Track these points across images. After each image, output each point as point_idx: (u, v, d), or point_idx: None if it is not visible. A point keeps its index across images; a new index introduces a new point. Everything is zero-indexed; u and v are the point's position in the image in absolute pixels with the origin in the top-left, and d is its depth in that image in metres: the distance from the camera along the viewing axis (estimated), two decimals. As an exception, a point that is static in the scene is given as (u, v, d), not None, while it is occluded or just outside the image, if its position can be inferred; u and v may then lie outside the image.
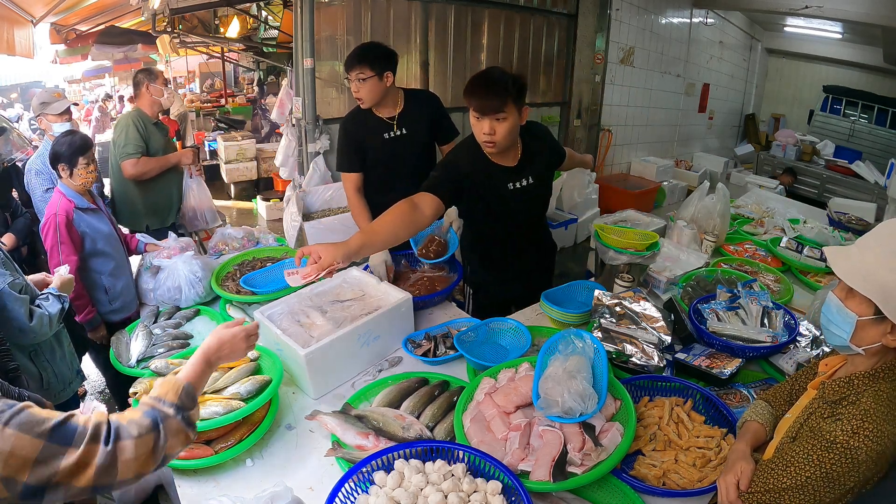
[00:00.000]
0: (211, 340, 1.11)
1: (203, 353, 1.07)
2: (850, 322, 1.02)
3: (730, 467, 1.14)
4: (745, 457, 1.15)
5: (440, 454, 1.21)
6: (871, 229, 1.11)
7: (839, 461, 0.96)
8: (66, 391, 1.93)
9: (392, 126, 2.33)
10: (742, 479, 1.09)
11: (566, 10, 5.20)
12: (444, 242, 2.03)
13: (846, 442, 0.96)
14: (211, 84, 11.97)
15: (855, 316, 1.01)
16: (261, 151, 6.45)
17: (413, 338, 1.82)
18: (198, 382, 1.02)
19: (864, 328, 1.01)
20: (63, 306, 1.81)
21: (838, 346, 1.08)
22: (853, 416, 0.98)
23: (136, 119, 2.84)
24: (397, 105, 2.34)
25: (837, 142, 7.97)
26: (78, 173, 2.05)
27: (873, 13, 5.15)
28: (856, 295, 1.01)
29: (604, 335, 1.63)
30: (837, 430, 0.98)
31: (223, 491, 1.26)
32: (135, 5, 5.32)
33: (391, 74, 2.25)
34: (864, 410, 0.98)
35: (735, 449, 1.19)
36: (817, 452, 0.99)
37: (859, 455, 0.94)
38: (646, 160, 6.38)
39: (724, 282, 2.02)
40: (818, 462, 0.98)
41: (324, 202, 3.75)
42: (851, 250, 1.05)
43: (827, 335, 1.11)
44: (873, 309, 0.99)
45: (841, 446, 0.96)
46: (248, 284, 2.03)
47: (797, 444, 1.05)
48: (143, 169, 2.81)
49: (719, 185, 2.72)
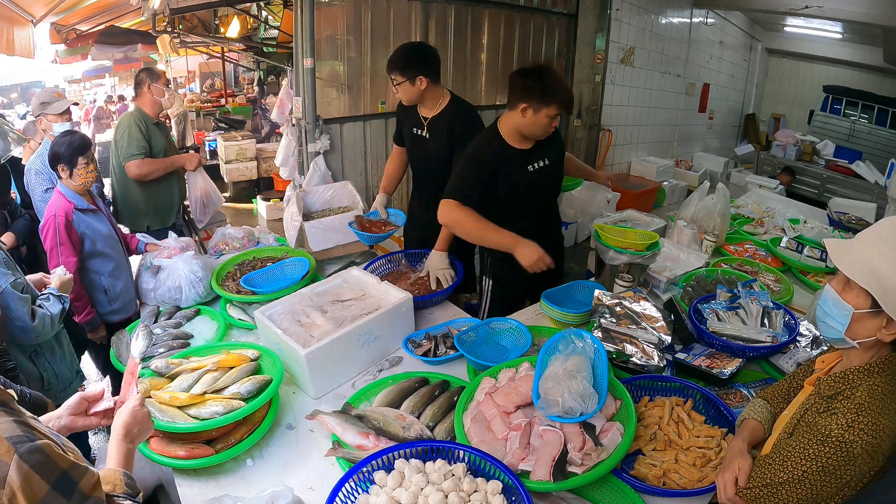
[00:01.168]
0: (118, 427, 1.08)
1: (118, 440, 1.06)
2: (846, 315, 1.03)
3: (727, 464, 1.15)
4: (743, 453, 1.15)
5: (440, 454, 1.21)
6: (874, 224, 1.12)
7: (835, 454, 0.97)
8: (67, 391, 1.93)
9: (422, 126, 2.36)
10: (740, 476, 1.10)
11: (566, 10, 5.19)
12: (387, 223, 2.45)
13: (841, 435, 0.96)
14: (211, 84, 11.97)
15: (851, 308, 1.02)
16: (261, 151, 6.44)
17: (413, 338, 1.82)
18: (129, 465, 1.04)
19: (860, 321, 1.02)
20: (64, 307, 1.81)
21: (833, 339, 1.09)
22: (848, 410, 0.98)
23: (138, 119, 2.83)
24: (436, 107, 2.33)
25: (837, 142, 7.97)
26: (78, 173, 2.05)
27: (873, 13, 5.14)
28: (853, 288, 1.01)
29: (604, 335, 1.63)
30: (833, 424, 0.98)
31: (223, 491, 1.26)
32: (135, 5, 5.32)
33: (424, 78, 2.22)
34: (859, 404, 0.98)
35: (732, 446, 1.20)
36: (813, 446, 0.99)
37: (854, 448, 0.95)
38: (646, 160, 6.37)
39: (724, 282, 2.02)
40: (814, 456, 0.99)
41: (324, 202, 3.73)
42: (853, 243, 1.06)
43: (822, 328, 1.11)
44: (870, 302, 0.99)
45: (836, 440, 0.97)
46: (248, 284, 2.03)
47: (794, 439, 1.06)
48: (148, 170, 2.81)
49: (719, 185, 2.72)
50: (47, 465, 0.79)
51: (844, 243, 1.07)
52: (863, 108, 8.09)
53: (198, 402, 1.36)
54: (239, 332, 1.92)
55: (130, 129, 2.78)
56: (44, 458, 0.79)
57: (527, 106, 1.84)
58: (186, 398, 1.36)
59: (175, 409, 1.34)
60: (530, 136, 1.94)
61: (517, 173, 1.97)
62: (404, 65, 2.20)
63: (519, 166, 1.97)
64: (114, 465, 1.01)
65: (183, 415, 1.33)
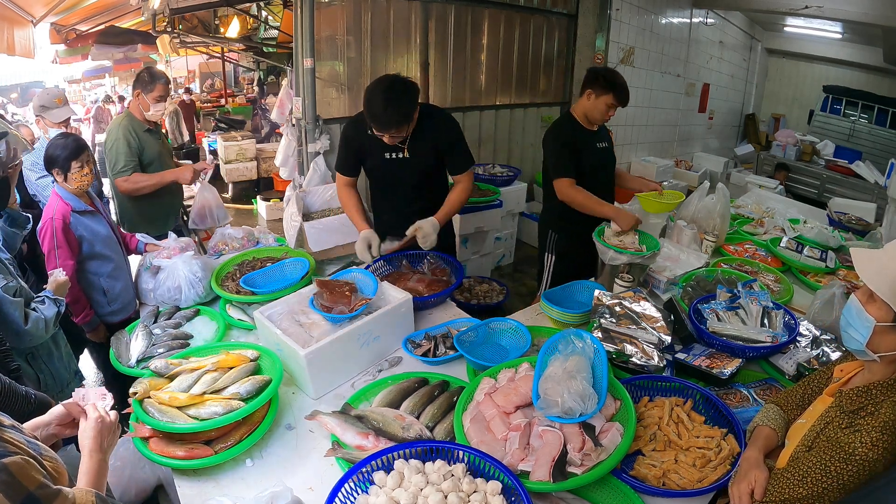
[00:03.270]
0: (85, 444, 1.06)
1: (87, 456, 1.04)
2: (867, 326, 1.01)
3: (743, 475, 1.12)
4: (759, 465, 1.13)
5: (440, 454, 1.20)
6: None
7: (857, 473, 0.95)
8: (65, 392, 1.92)
9: (400, 148, 2.15)
10: (756, 489, 1.08)
11: (566, 10, 5.20)
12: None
13: (865, 455, 0.95)
14: (211, 84, 11.99)
15: (873, 321, 1.00)
16: (261, 151, 6.45)
17: (413, 338, 1.82)
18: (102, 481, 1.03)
19: (882, 334, 1.00)
20: (59, 310, 1.81)
21: (855, 350, 1.07)
22: (872, 429, 0.96)
23: (127, 130, 2.62)
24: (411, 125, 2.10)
25: (837, 142, 7.98)
26: (72, 177, 2.02)
27: (873, 13, 5.14)
28: (876, 300, 1.00)
29: (604, 335, 1.63)
30: (856, 443, 0.96)
31: (223, 491, 1.26)
32: (135, 5, 5.33)
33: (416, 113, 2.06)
34: (884, 423, 0.96)
35: (747, 457, 1.17)
36: (835, 464, 0.97)
37: (877, 468, 0.94)
38: (646, 160, 6.37)
39: (724, 282, 2.02)
40: (836, 473, 0.97)
41: (324, 202, 3.75)
42: (878, 254, 1.03)
43: (844, 338, 1.09)
44: (893, 315, 0.97)
45: (860, 459, 0.95)
46: (248, 284, 2.03)
47: (813, 454, 1.03)
48: (137, 186, 2.62)
49: (719, 185, 2.72)
50: (12, 485, 0.78)
51: (870, 253, 1.04)
52: (863, 108, 8.10)
53: (197, 403, 1.36)
54: (238, 332, 1.92)
55: (118, 144, 2.59)
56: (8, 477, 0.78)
57: (591, 91, 2.38)
58: (186, 398, 1.36)
59: (174, 409, 1.34)
60: (592, 119, 2.45)
61: (589, 149, 2.47)
62: (405, 114, 1.99)
63: (591, 143, 2.48)
64: (84, 483, 1.00)
65: (182, 415, 1.33)
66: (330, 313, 1.70)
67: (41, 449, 0.93)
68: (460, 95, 4.64)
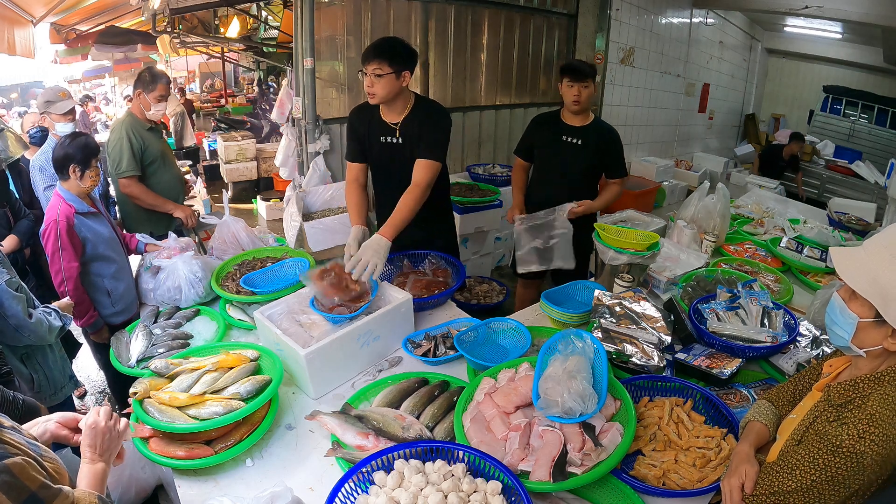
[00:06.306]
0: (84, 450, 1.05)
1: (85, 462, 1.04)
2: (851, 323, 1.02)
3: (733, 470, 1.13)
4: (749, 459, 1.14)
5: (440, 454, 1.21)
6: (879, 232, 1.11)
7: (845, 465, 0.95)
8: (58, 395, 1.93)
9: (393, 131, 2.19)
10: (746, 482, 1.09)
11: (566, 10, 5.20)
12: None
13: (852, 446, 0.95)
14: (211, 84, 11.98)
15: (856, 317, 1.01)
16: (261, 151, 6.45)
17: (413, 338, 1.82)
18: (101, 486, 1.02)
19: (866, 330, 1.01)
20: (65, 324, 1.83)
21: (840, 346, 1.08)
22: (859, 421, 0.97)
23: (130, 130, 2.63)
24: (404, 110, 2.16)
25: (837, 142, 7.98)
26: (89, 175, 2.03)
27: (873, 13, 5.14)
28: (858, 297, 1.01)
29: (604, 335, 1.63)
30: (844, 435, 0.97)
31: (223, 491, 1.26)
32: (135, 5, 5.33)
33: (409, 75, 2.08)
34: (871, 415, 0.97)
35: (738, 451, 1.18)
36: (823, 456, 0.98)
37: (865, 459, 0.94)
38: (646, 160, 6.37)
39: (724, 282, 2.02)
40: (824, 466, 0.97)
41: (324, 202, 3.75)
42: (857, 252, 1.04)
43: (830, 335, 1.11)
44: (874, 312, 0.98)
45: (847, 450, 0.95)
46: (248, 284, 2.03)
47: (802, 448, 1.04)
48: (137, 195, 2.65)
49: (719, 185, 2.72)
50: (15, 486, 0.78)
51: (849, 252, 1.05)
52: (863, 108, 8.11)
53: (197, 403, 1.36)
54: (238, 332, 1.92)
55: (122, 144, 2.60)
56: (11, 478, 0.78)
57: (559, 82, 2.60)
58: (186, 398, 1.36)
59: (174, 409, 1.34)
60: (568, 107, 2.59)
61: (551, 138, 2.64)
62: (393, 54, 2.00)
63: (558, 133, 2.63)
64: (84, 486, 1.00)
65: (182, 415, 1.33)
66: (330, 314, 1.71)
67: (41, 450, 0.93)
68: (460, 95, 4.64)
